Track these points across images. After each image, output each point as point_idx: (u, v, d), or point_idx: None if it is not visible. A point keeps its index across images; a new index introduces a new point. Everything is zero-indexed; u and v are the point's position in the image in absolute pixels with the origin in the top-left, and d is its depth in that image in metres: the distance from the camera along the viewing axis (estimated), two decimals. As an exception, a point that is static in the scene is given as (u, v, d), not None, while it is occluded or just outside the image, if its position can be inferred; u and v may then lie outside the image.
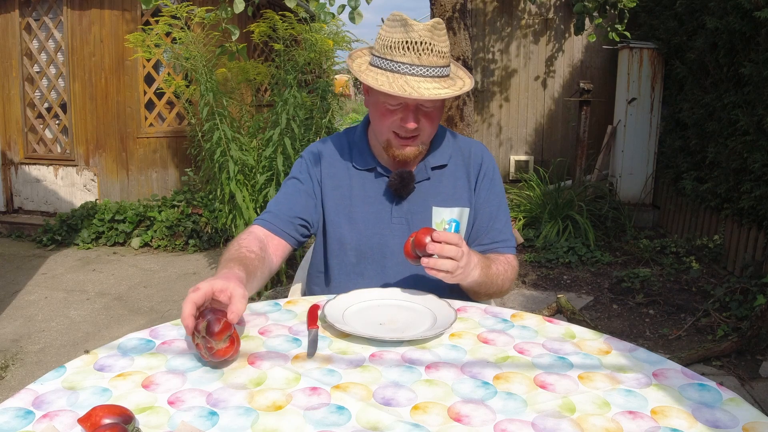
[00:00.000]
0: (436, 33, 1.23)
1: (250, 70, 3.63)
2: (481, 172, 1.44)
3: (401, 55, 1.23)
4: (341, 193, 1.42)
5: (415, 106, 1.28)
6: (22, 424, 0.80)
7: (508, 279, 1.38)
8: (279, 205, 1.40)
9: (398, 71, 1.24)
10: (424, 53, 1.22)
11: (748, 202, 3.44)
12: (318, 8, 3.16)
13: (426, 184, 1.41)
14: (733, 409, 0.84)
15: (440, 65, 1.25)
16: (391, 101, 1.28)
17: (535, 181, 5.14)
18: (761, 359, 2.72)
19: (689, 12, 4.25)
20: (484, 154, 1.46)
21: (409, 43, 1.22)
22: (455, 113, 3.70)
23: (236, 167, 3.44)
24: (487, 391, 0.89)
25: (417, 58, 1.22)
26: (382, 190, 1.41)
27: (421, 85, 1.22)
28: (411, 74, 1.23)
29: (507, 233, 1.45)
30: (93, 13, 4.91)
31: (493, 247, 1.42)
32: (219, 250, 4.62)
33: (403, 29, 1.23)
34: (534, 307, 3.37)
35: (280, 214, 1.38)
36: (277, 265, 1.35)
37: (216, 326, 0.93)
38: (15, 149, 5.22)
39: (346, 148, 1.46)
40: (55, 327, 3.25)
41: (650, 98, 4.97)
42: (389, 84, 1.23)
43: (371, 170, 1.42)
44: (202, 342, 0.94)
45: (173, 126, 5.10)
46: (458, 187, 1.42)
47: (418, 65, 1.23)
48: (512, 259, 1.43)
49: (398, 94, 1.21)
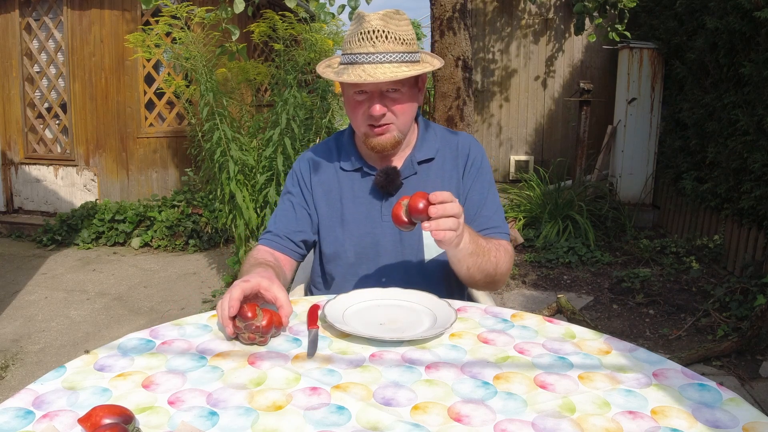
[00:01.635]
0: (392, 21, 1.25)
1: (250, 70, 3.63)
2: (469, 161, 1.43)
3: (358, 46, 1.26)
4: (332, 198, 1.43)
5: (379, 93, 1.29)
6: (22, 424, 0.80)
7: (501, 260, 1.31)
8: (278, 224, 1.44)
9: (357, 62, 1.26)
10: (379, 40, 1.24)
11: (748, 202, 3.44)
12: (318, 8, 3.16)
13: (414, 179, 1.41)
14: (733, 409, 0.84)
15: (400, 51, 1.26)
16: (355, 90, 1.30)
17: (535, 181, 5.14)
18: (761, 359, 2.72)
19: (689, 12, 4.25)
20: (471, 144, 1.46)
21: (363, 33, 1.25)
22: (455, 113, 3.70)
23: (236, 167, 3.44)
24: (487, 391, 0.89)
25: (372, 46, 1.24)
26: (370, 189, 1.41)
27: (377, 70, 1.24)
28: (368, 62, 1.25)
29: (497, 220, 1.41)
30: (93, 13, 4.91)
31: (484, 233, 1.39)
32: (219, 250, 4.63)
33: (358, 23, 1.27)
34: (534, 307, 3.37)
35: (280, 233, 1.42)
36: (289, 278, 1.41)
37: (264, 319, 1.03)
38: (15, 149, 5.22)
39: (333, 152, 1.47)
40: (55, 327, 3.25)
41: (650, 98, 4.97)
42: (347, 74, 1.25)
43: (358, 170, 1.43)
44: (243, 325, 1.02)
45: (173, 126, 5.10)
46: (446, 180, 1.42)
47: (374, 53, 1.24)
48: (505, 243, 1.37)
49: (352, 80, 1.23)
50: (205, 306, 3.53)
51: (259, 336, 1.03)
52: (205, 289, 3.80)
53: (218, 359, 0.98)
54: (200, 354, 1.00)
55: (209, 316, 1.16)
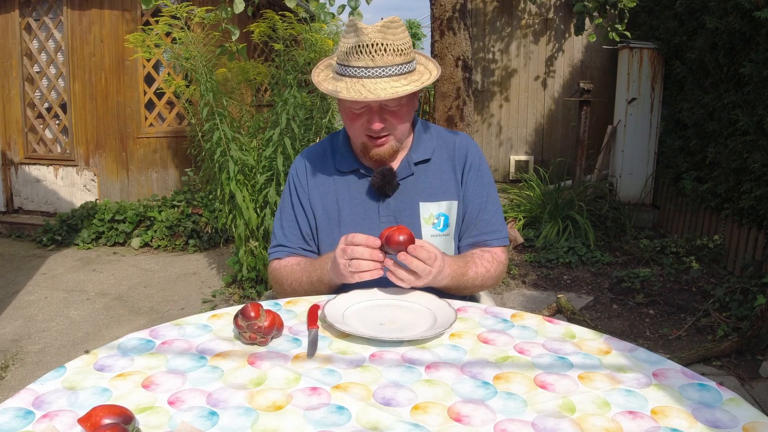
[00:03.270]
0: (390, 32, 1.24)
1: (250, 70, 3.63)
2: (467, 164, 1.43)
3: (356, 60, 1.25)
4: (329, 199, 1.43)
5: (378, 107, 1.29)
6: (22, 424, 0.80)
7: (490, 278, 1.37)
8: (287, 236, 1.46)
9: (355, 75, 1.25)
10: (378, 54, 1.23)
11: (748, 202, 3.44)
12: (318, 8, 3.16)
13: (411, 180, 1.41)
14: (733, 409, 0.84)
15: (398, 63, 1.25)
16: (355, 106, 1.30)
17: (535, 181, 5.14)
18: (761, 359, 2.72)
19: (689, 12, 4.25)
20: (469, 146, 1.46)
21: (361, 47, 1.24)
22: (455, 113, 3.70)
23: (236, 167, 3.44)
24: (487, 391, 0.89)
25: (371, 60, 1.24)
26: (367, 191, 1.41)
27: (377, 86, 1.23)
28: (367, 77, 1.24)
29: (497, 224, 1.43)
30: (93, 13, 4.91)
31: (482, 239, 1.41)
32: (219, 250, 4.63)
33: (355, 34, 1.25)
34: (534, 307, 3.37)
35: (293, 243, 1.45)
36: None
37: (266, 320, 1.04)
38: (15, 149, 5.22)
39: (329, 154, 1.47)
40: (55, 327, 3.25)
41: (650, 98, 4.97)
42: (347, 89, 1.25)
43: (354, 172, 1.43)
44: (245, 324, 1.03)
45: (173, 126, 5.10)
46: (444, 181, 1.42)
47: (372, 67, 1.24)
48: (499, 253, 1.41)
49: (354, 98, 1.23)
50: (205, 306, 3.53)
51: (260, 336, 1.03)
52: (205, 289, 3.80)
53: (218, 359, 0.98)
54: (200, 354, 1.00)
55: (209, 316, 1.16)
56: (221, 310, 1.19)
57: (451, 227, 1.41)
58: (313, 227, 1.45)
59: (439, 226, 1.39)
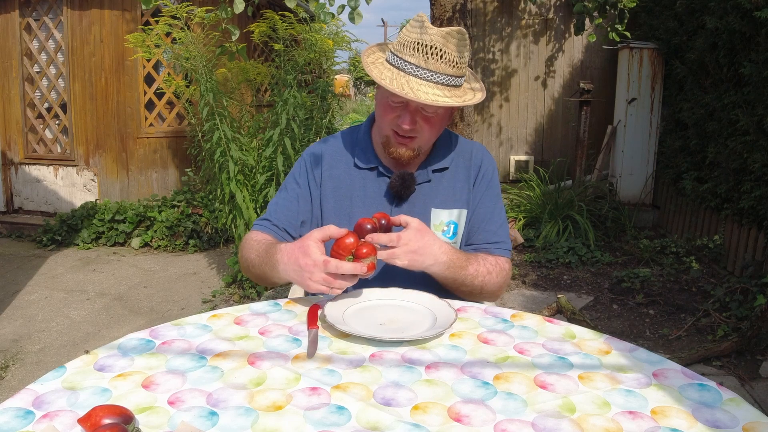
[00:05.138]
0: (451, 41, 1.23)
1: (250, 70, 3.63)
2: (480, 174, 1.44)
3: (410, 55, 1.24)
4: (342, 194, 1.42)
5: (415, 108, 1.28)
6: (22, 424, 0.80)
7: (492, 281, 1.33)
8: (278, 214, 1.41)
9: (404, 70, 1.25)
10: (432, 57, 1.22)
11: (748, 202, 3.44)
12: (318, 8, 3.16)
13: (426, 186, 1.41)
14: (733, 409, 0.84)
15: (448, 73, 1.24)
16: (393, 98, 1.29)
17: (535, 181, 5.14)
18: (761, 359, 2.72)
19: (689, 12, 4.25)
20: (484, 157, 1.46)
21: (419, 45, 1.23)
22: (455, 113, 3.70)
23: (236, 167, 3.44)
24: (487, 391, 0.89)
25: (424, 61, 1.23)
26: (383, 191, 1.41)
27: (421, 87, 1.23)
28: (415, 75, 1.24)
29: (501, 236, 1.42)
30: (93, 13, 4.91)
31: (485, 248, 1.41)
32: (219, 250, 4.62)
33: (419, 31, 1.24)
34: (534, 307, 3.37)
35: (279, 224, 1.39)
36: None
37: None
38: (15, 149, 5.22)
39: (348, 147, 1.46)
40: (55, 327, 3.25)
41: (650, 98, 4.97)
42: (391, 80, 1.24)
43: (373, 169, 1.42)
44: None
45: (173, 126, 5.10)
46: (457, 189, 1.42)
47: (423, 68, 1.23)
48: (503, 262, 1.39)
49: (395, 91, 1.22)
50: (205, 306, 3.53)
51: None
52: (205, 289, 3.80)
53: (218, 359, 0.98)
54: (200, 354, 1.00)
55: (209, 316, 1.16)
56: (221, 310, 1.19)
57: (458, 235, 1.41)
58: (312, 216, 1.43)
59: (449, 233, 1.40)
